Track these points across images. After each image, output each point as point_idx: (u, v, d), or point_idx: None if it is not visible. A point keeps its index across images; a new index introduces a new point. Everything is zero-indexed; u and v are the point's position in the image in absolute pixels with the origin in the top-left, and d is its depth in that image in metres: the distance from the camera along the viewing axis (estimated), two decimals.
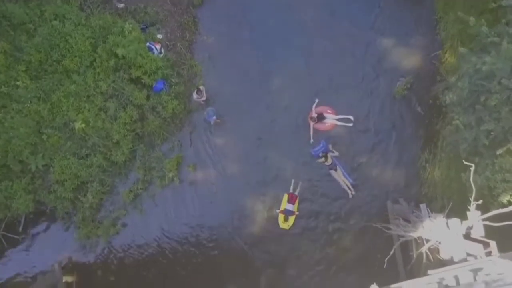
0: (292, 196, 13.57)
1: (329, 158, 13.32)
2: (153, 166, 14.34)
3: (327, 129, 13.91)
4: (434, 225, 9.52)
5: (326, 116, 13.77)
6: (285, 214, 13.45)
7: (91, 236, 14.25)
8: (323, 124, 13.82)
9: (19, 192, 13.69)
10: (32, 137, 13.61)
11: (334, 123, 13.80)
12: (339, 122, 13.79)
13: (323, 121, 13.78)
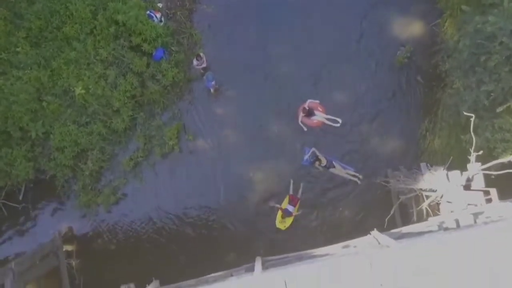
0: (293, 198, 13.43)
1: (323, 159, 13.21)
2: (153, 134, 14.33)
3: (313, 125, 13.87)
4: (435, 177, 9.57)
5: (315, 113, 13.75)
6: (284, 213, 13.27)
7: (91, 204, 14.22)
8: (310, 120, 13.79)
9: (19, 159, 13.66)
10: (32, 104, 13.58)
11: (322, 121, 13.76)
12: (327, 121, 13.74)
13: (311, 117, 13.75)
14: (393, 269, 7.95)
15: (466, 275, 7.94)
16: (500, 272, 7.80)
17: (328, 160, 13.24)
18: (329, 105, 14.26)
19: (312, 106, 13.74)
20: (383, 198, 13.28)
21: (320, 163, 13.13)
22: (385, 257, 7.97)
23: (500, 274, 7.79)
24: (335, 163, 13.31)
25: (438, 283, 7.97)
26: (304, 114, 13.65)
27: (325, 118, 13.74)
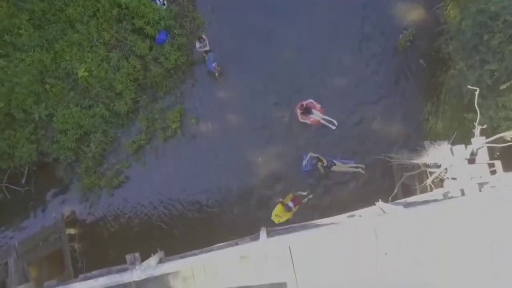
0: (295, 199, 13.19)
1: (323, 159, 13.17)
2: (156, 117, 14.34)
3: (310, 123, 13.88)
4: (439, 152, 9.58)
5: (313, 112, 13.73)
6: (284, 207, 12.88)
7: (94, 187, 14.24)
8: (307, 118, 13.78)
9: (22, 141, 13.68)
10: (35, 86, 13.60)
11: (319, 120, 13.75)
12: (323, 121, 13.73)
13: (308, 115, 13.74)
14: (398, 237, 7.98)
15: (468, 244, 7.97)
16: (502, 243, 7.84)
17: (328, 160, 13.19)
18: (332, 90, 14.29)
19: (310, 105, 13.73)
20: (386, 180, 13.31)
21: (322, 163, 13.07)
22: (389, 224, 7.99)
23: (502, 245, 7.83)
24: (335, 161, 13.28)
25: (441, 251, 8.00)
26: (301, 111, 13.63)
27: (322, 118, 13.70)
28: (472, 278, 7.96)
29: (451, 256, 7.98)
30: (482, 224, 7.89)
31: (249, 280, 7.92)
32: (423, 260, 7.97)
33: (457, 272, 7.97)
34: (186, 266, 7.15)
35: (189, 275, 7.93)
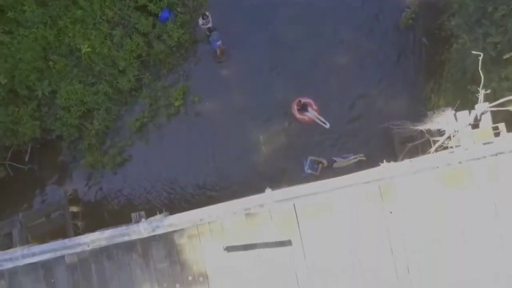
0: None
1: (323, 161, 13.17)
2: (159, 95, 14.36)
3: (304, 121, 13.89)
4: (443, 118, 9.62)
5: (308, 110, 13.77)
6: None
7: (97, 165, 14.26)
8: (302, 115, 13.82)
9: (25, 118, 13.72)
10: (39, 63, 13.65)
11: (313, 118, 13.77)
12: (318, 120, 13.75)
13: (304, 113, 13.77)
14: (403, 195, 8.01)
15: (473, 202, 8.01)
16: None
17: (328, 160, 13.20)
18: (333, 69, 14.33)
19: (307, 103, 13.76)
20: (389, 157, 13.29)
21: (323, 165, 13.09)
22: (394, 183, 8.02)
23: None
24: (335, 158, 13.29)
25: (447, 210, 8.03)
26: (299, 108, 13.65)
27: (316, 117, 13.72)
28: (477, 236, 7.98)
29: (455, 215, 8.01)
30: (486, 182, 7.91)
31: (255, 238, 7.94)
32: (428, 219, 7.99)
33: (462, 231, 8.00)
34: (192, 218, 7.18)
35: (195, 233, 7.96)
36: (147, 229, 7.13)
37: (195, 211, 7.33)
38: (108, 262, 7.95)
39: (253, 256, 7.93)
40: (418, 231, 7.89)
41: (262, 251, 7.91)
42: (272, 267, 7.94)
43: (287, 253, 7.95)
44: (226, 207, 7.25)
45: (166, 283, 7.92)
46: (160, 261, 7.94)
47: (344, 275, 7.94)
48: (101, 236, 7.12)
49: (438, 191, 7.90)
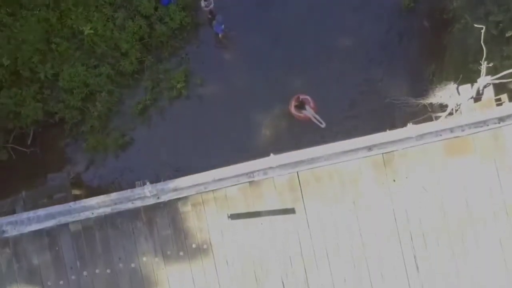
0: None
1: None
2: (161, 78, 14.38)
3: (300, 118, 13.89)
4: (445, 92, 9.65)
5: (306, 108, 13.80)
6: None
7: (99, 147, 14.25)
8: (299, 112, 13.82)
9: (28, 100, 13.71)
10: (41, 45, 13.65)
11: (310, 117, 13.77)
12: (314, 119, 13.75)
13: (301, 110, 13.80)
14: (407, 164, 8.05)
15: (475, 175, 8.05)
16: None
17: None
18: (335, 52, 14.36)
19: (305, 100, 13.78)
20: None
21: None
22: (397, 153, 8.06)
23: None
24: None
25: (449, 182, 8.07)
26: (296, 104, 13.67)
27: (313, 116, 13.74)
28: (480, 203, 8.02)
29: (458, 183, 8.04)
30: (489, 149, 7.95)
31: (258, 206, 7.98)
32: (431, 188, 8.02)
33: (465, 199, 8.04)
34: (196, 182, 7.21)
35: (199, 201, 8.01)
36: (152, 192, 7.16)
37: (200, 174, 7.39)
38: (112, 230, 7.99)
39: (256, 224, 7.96)
40: (421, 200, 7.92)
41: (266, 219, 7.93)
42: (275, 234, 7.97)
43: (291, 221, 7.98)
44: (231, 170, 7.28)
45: (170, 250, 7.95)
46: (164, 229, 7.97)
47: (347, 244, 7.97)
48: (107, 199, 7.16)
49: (441, 160, 7.93)
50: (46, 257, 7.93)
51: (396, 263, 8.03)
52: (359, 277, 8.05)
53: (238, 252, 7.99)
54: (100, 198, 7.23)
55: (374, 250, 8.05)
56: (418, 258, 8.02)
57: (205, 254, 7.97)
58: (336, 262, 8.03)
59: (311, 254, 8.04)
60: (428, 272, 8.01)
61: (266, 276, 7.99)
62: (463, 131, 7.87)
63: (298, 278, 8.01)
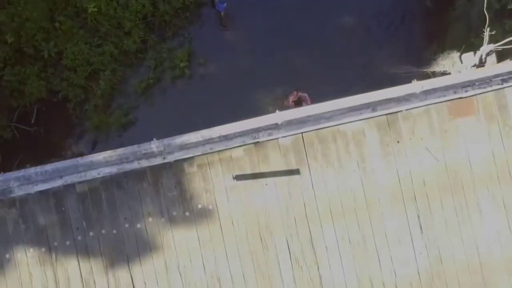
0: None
1: None
2: (164, 57, 14.43)
3: None
4: (448, 60, 9.71)
5: (303, 105, 13.82)
6: None
7: (103, 126, 14.31)
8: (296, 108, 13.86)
9: (32, 77, 13.76)
10: (45, 23, 13.69)
11: None
12: None
13: (298, 107, 13.81)
14: (411, 125, 8.11)
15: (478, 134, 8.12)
16: None
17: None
18: (337, 33, 14.43)
19: (303, 98, 13.83)
20: None
21: None
22: (401, 114, 8.12)
23: None
24: None
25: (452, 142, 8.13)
26: (294, 100, 13.72)
27: None
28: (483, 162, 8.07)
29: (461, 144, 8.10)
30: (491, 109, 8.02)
31: (263, 167, 8.04)
32: (434, 148, 8.08)
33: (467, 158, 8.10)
34: (203, 137, 7.28)
35: (204, 162, 8.06)
36: (159, 147, 7.22)
37: (206, 130, 7.45)
38: (118, 191, 8.04)
39: (261, 185, 8.02)
40: (424, 161, 7.98)
41: (271, 180, 7.99)
42: (280, 195, 8.03)
43: (295, 182, 8.04)
44: (238, 126, 7.34)
45: (175, 211, 8.01)
46: (170, 190, 8.03)
47: (351, 204, 8.03)
48: (113, 154, 7.21)
49: (445, 121, 7.99)
50: (52, 218, 7.96)
51: (400, 223, 8.09)
52: (363, 238, 8.11)
53: (243, 212, 8.05)
54: (107, 153, 7.30)
55: (378, 210, 8.11)
56: (421, 219, 8.07)
57: (211, 214, 8.02)
58: (341, 223, 8.09)
59: (315, 215, 8.09)
60: (431, 233, 8.06)
61: (271, 237, 8.05)
62: (467, 92, 7.94)
63: (303, 238, 8.07)
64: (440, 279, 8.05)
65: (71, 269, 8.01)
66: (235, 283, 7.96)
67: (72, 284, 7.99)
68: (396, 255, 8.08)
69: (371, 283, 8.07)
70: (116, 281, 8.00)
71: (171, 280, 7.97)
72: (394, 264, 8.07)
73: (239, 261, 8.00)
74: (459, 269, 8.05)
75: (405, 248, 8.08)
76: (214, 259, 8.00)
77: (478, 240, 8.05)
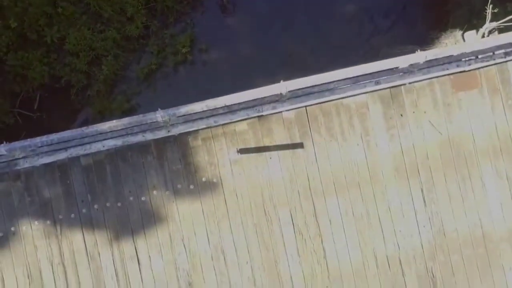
0: None
1: None
2: (167, 43, 14.48)
3: None
4: (450, 39, 9.76)
5: None
6: None
7: (105, 111, 14.34)
8: None
9: (34, 62, 13.80)
10: (48, 8, 13.73)
11: None
12: None
13: None
14: (413, 99, 8.15)
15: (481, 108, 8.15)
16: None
17: None
18: (339, 21, 14.47)
19: None
20: None
21: None
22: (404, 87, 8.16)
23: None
24: None
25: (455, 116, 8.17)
26: None
27: None
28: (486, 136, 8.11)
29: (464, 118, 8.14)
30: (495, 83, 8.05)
31: (267, 140, 8.07)
32: (438, 122, 8.12)
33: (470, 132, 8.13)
34: (208, 106, 7.32)
35: (209, 136, 8.11)
36: (164, 116, 7.26)
37: (211, 99, 7.49)
38: (123, 164, 8.07)
39: (265, 158, 8.05)
40: (428, 134, 8.02)
41: (275, 154, 8.03)
42: (284, 169, 8.07)
43: (299, 155, 8.08)
44: (241, 97, 7.38)
45: (180, 184, 8.03)
46: (174, 163, 8.06)
47: (355, 178, 8.07)
48: (119, 123, 7.25)
49: (448, 95, 8.03)
50: (57, 191, 7.98)
51: (403, 197, 8.12)
52: (366, 211, 8.14)
53: (247, 186, 8.08)
54: (112, 123, 7.32)
55: (382, 184, 8.15)
56: (425, 192, 8.11)
57: (215, 187, 8.05)
58: (344, 196, 8.12)
59: (319, 188, 8.13)
60: (435, 206, 8.10)
61: (275, 210, 8.08)
62: (470, 66, 7.98)
63: (307, 212, 8.10)
64: (443, 251, 8.09)
65: (76, 241, 8.03)
66: (239, 255, 7.99)
67: (77, 257, 8.01)
68: (399, 228, 8.12)
69: (374, 256, 8.10)
70: (121, 253, 8.03)
71: (176, 253, 8.00)
72: (398, 237, 8.10)
73: (243, 233, 8.03)
74: (462, 242, 8.09)
75: (409, 221, 8.11)
76: (218, 231, 8.03)
77: (481, 212, 8.09)
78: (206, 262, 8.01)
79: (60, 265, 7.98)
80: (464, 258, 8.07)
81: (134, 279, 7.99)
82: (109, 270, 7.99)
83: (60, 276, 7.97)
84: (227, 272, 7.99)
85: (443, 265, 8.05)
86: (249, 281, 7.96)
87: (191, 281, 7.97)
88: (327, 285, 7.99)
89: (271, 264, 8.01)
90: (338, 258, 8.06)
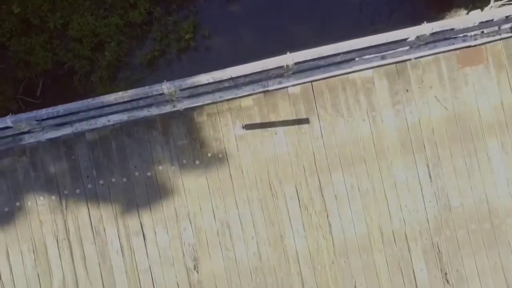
0: None
1: None
2: (170, 29, 14.46)
3: None
4: (455, 17, 9.75)
5: None
6: None
7: None
8: None
9: (37, 48, 13.79)
10: None
11: None
12: None
13: None
14: (419, 74, 8.14)
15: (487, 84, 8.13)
16: None
17: None
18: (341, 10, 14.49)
19: None
20: None
21: None
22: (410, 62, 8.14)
23: None
24: None
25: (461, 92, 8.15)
26: None
27: None
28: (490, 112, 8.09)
29: (470, 94, 8.12)
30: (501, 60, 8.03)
31: (272, 116, 8.07)
32: (443, 98, 8.11)
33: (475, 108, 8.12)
34: (214, 78, 7.33)
35: (214, 111, 8.10)
36: (170, 88, 7.25)
37: (217, 71, 7.49)
38: (128, 139, 8.07)
39: (271, 134, 8.05)
40: (434, 109, 8.01)
41: (280, 129, 8.02)
42: (289, 144, 8.06)
43: (305, 131, 8.07)
44: (247, 68, 7.37)
45: (185, 159, 8.03)
46: (180, 139, 8.05)
47: (361, 153, 8.07)
48: (125, 95, 7.25)
49: (453, 70, 8.02)
50: (62, 166, 7.98)
51: (409, 172, 8.11)
52: (372, 187, 8.14)
53: (253, 161, 8.07)
54: (118, 94, 7.32)
55: (387, 159, 8.14)
56: (430, 167, 8.10)
57: (221, 163, 8.04)
58: (350, 172, 8.12)
59: (324, 164, 8.12)
60: (440, 181, 8.09)
61: (280, 185, 8.08)
62: (476, 41, 7.97)
63: (312, 187, 8.09)
64: (449, 227, 8.08)
65: (81, 217, 8.02)
66: (245, 230, 7.99)
67: (82, 232, 8.00)
68: (405, 203, 8.11)
69: (380, 231, 8.09)
70: (126, 229, 8.02)
71: (181, 228, 8.00)
72: (404, 213, 8.10)
73: (249, 208, 8.02)
74: (468, 217, 8.08)
75: (415, 197, 8.10)
76: (224, 206, 8.02)
77: (487, 188, 8.08)
78: (211, 237, 8.01)
79: (65, 240, 7.97)
80: (469, 233, 8.06)
81: (139, 254, 7.99)
82: (115, 245, 7.99)
83: (65, 251, 7.97)
84: (232, 247, 7.98)
85: (449, 240, 8.04)
86: (255, 256, 7.96)
87: (197, 256, 7.96)
88: (333, 260, 7.99)
89: (276, 239, 8.00)
90: (343, 233, 8.06)
